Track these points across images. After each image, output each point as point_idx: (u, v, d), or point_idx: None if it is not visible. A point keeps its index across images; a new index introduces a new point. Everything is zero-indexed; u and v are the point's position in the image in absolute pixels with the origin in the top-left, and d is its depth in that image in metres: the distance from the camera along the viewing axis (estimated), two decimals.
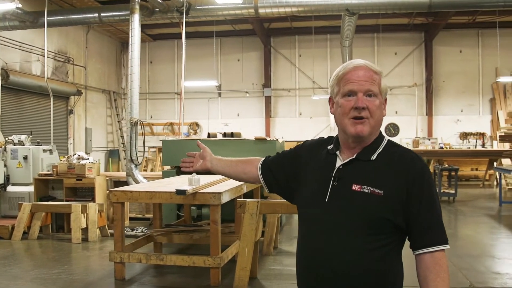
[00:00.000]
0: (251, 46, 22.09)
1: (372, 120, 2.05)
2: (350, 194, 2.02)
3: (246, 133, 21.32)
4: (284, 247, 7.94)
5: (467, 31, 21.28)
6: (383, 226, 1.98)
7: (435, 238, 1.99)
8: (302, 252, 2.19)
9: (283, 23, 20.38)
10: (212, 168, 2.66)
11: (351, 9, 10.67)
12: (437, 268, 1.96)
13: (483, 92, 21.65)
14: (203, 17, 11.55)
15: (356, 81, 2.05)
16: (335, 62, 21.69)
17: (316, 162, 2.23)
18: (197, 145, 2.75)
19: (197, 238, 6.82)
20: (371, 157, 2.08)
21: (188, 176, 5.99)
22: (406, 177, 2.00)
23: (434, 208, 2.01)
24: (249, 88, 22.20)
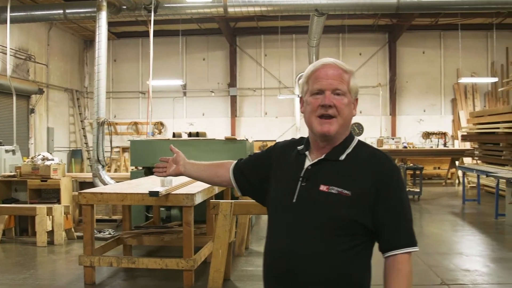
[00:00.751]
0: (217, 45, 21.99)
1: (340, 119, 2.03)
2: (318, 195, 1.99)
3: (211, 133, 21.20)
4: (255, 247, 7.90)
5: (429, 33, 21.68)
6: (351, 228, 1.95)
7: (400, 241, 1.95)
8: (269, 253, 2.15)
9: (249, 22, 20.35)
10: (185, 172, 2.62)
11: (320, 10, 10.70)
12: (396, 273, 1.93)
13: (445, 93, 22.09)
14: (171, 15, 11.40)
15: (324, 79, 2.03)
16: (301, 62, 21.80)
17: (286, 162, 2.21)
18: (170, 149, 2.73)
19: (169, 240, 6.71)
20: (340, 157, 2.05)
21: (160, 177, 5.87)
22: (374, 178, 1.98)
23: (401, 210, 1.98)
24: (214, 88, 22.09)
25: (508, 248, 7.97)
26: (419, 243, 2.00)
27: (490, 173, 10.71)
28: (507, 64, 21.33)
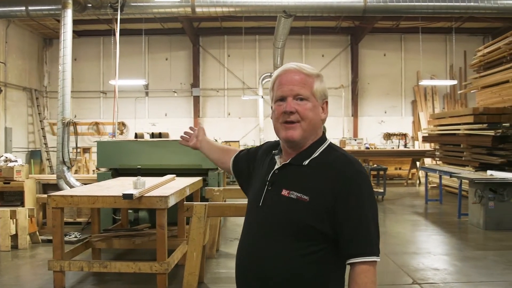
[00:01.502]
0: (180, 45, 21.83)
1: (304, 124, 2.02)
2: (279, 199, 2.00)
3: (174, 134, 21.05)
4: (225, 249, 7.85)
5: (391, 36, 22.07)
6: (309, 233, 1.94)
7: (357, 249, 1.90)
8: (237, 255, 2.19)
9: (212, 22, 20.27)
10: (200, 148, 2.76)
11: (288, 11, 10.73)
12: (353, 285, 1.90)
13: (405, 94, 22.52)
14: (138, 14, 11.21)
15: (286, 85, 2.03)
16: (264, 63, 21.86)
17: (263, 165, 2.24)
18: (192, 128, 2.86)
19: (140, 242, 6.59)
20: (304, 162, 2.04)
21: (133, 179, 5.77)
22: (334, 183, 1.94)
23: (361, 216, 1.92)
24: (177, 88, 21.92)
25: (473, 246, 8.15)
26: (387, 243, 1.99)
27: (454, 173, 10.95)
28: (465, 67, 21.88)
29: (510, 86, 13.28)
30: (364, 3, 10.63)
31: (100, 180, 7.95)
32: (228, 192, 7.68)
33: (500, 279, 6.27)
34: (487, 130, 12.23)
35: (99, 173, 8.38)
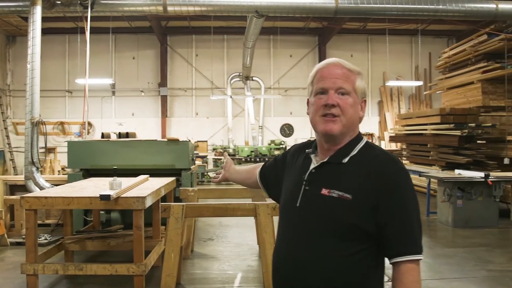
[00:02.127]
0: (147, 44, 21.62)
1: (344, 119, 1.97)
2: (319, 199, 1.95)
3: (141, 133, 20.88)
4: (198, 249, 7.79)
5: (358, 37, 22.33)
6: (353, 232, 1.90)
7: (402, 248, 1.88)
8: (274, 256, 2.14)
9: (181, 22, 20.14)
10: (229, 177, 2.78)
11: (260, 11, 10.72)
12: (398, 284, 1.88)
13: (372, 95, 22.78)
14: (108, 12, 11.01)
15: (328, 78, 2.00)
16: (232, 63, 21.83)
17: (296, 165, 2.19)
18: (223, 156, 2.91)
19: (115, 244, 6.49)
20: (343, 160, 2.00)
21: (109, 179, 5.67)
22: (376, 181, 1.90)
23: (406, 215, 1.90)
24: (144, 87, 21.70)
25: (443, 244, 8.31)
26: None
27: (423, 173, 11.14)
28: (430, 68, 22.31)
29: (475, 87, 13.59)
30: (336, 4, 10.72)
31: (71, 181, 7.79)
32: (202, 192, 7.65)
33: (472, 275, 6.41)
34: (453, 130, 12.49)
35: (70, 173, 8.20)
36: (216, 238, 8.54)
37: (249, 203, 5.85)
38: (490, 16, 11.61)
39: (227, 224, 9.72)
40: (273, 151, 19.65)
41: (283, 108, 22.59)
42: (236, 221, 9.77)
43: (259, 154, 19.35)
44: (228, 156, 2.83)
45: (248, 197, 7.49)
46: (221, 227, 9.53)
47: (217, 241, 8.35)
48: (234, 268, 6.67)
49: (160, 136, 21.17)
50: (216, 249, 7.75)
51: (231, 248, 7.79)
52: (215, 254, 7.38)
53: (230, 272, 6.47)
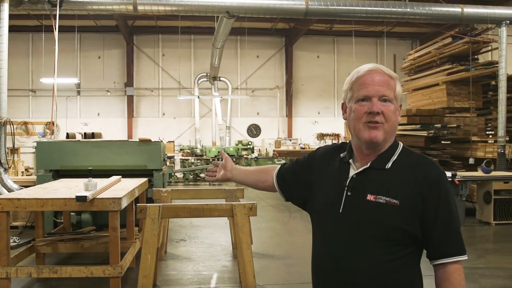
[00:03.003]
0: (113, 43, 21.39)
1: (387, 126, 1.98)
2: (365, 205, 1.97)
3: (107, 134, 20.66)
4: (172, 250, 7.74)
5: (324, 38, 22.58)
6: (400, 237, 1.94)
7: (449, 249, 1.95)
8: (317, 262, 2.13)
9: (147, 21, 19.98)
10: (233, 178, 2.61)
11: (231, 12, 10.72)
12: (447, 284, 1.94)
13: (338, 96, 23.10)
14: (77, 10, 10.83)
15: (371, 85, 1.99)
16: (199, 63, 21.80)
17: (329, 170, 2.17)
18: (221, 154, 2.77)
19: (88, 246, 6.39)
20: (386, 166, 2.02)
21: (84, 180, 5.59)
22: (422, 186, 1.95)
23: (450, 217, 1.96)
24: (110, 87, 21.47)
25: None
26: None
27: None
28: (395, 70, 22.66)
29: (440, 89, 13.89)
30: (306, 6, 10.80)
31: (40, 182, 7.63)
32: (175, 193, 7.61)
33: None
34: (420, 130, 12.73)
35: (39, 175, 8.04)
36: (188, 239, 8.50)
37: (226, 203, 5.86)
38: (455, 19, 11.91)
39: (198, 224, 9.69)
40: (240, 151, 19.66)
41: (250, 109, 22.66)
42: (206, 221, 9.75)
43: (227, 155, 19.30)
44: (227, 155, 2.76)
45: (222, 198, 7.49)
46: (192, 227, 9.49)
47: (190, 242, 8.31)
48: (209, 268, 6.66)
49: (126, 137, 20.97)
50: (189, 250, 7.72)
51: (204, 249, 7.77)
52: (189, 255, 7.35)
53: (205, 272, 6.46)
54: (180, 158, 19.87)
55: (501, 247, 7.94)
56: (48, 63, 17.65)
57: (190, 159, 19.27)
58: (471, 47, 12.76)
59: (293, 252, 7.64)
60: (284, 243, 8.33)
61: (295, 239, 8.67)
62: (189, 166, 18.92)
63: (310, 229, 7.66)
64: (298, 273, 6.45)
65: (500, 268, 6.47)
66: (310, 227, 7.72)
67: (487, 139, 13.53)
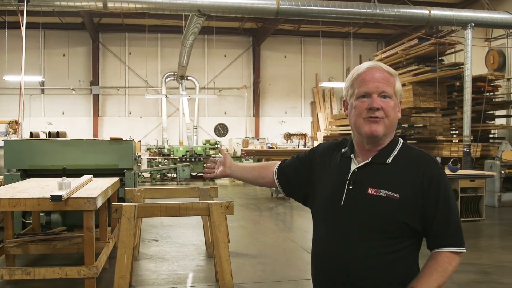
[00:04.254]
0: (79, 41, 21.05)
1: (387, 121, 2.05)
2: (366, 198, 2.02)
3: (72, 133, 20.33)
4: (144, 250, 7.67)
5: (291, 38, 22.71)
6: (400, 230, 2.00)
7: (448, 240, 2.02)
8: (318, 255, 2.18)
9: (114, 19, 19.72)
10: (232, 174, 2.63)
11: (203, 10, 10.67)
12: (434, 262, 2.00)
13: (305, 96, 23.26)
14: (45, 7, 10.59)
15: (371, 82, 2.04)
16: (166, 62, 21.66)
17: (331, 165, 2.23)
18: (219, 151, 2.75)
19: (61, 247, 6.27)
20: (387, 160, 2.08)
21: (57, 180, 5.48)
22: (422, 180, 2.01)
23: (450, 210, 2.03)
24: (75, 85, 21.12)
25: None
26: (301, 236, 2.06)
27: None
28: None
29: (406, 89, 14.12)
30: (277, 6, 10.85)
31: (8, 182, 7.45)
32: (148, 192, 7.53)
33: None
34: None
35: (7, 174, 7.85)
36: (161, 239, 8.43)
37: (202, 202, 5.83)
38: (423, 21, 12.15)
39: (169, 224, 9.62)
40: (208, 151, 19.58)
41: (218, 108, 22.62)
42: (177, 221, 9.69)
43: (194, 154, 19.22)
44: (226, 151, 2.75)
45: (195, 197, 7.45)
46: (164, 227, 9.42)
47: (162, 241, 8.24)
48: (184, 268, 6.62)
49: (92, 136, 20.67)
50: (162, 249, 7.65)
51: (177, 248, 7.71)
52: (162, 255, 7.29)
53: (180, 272, 6.41)
54: (147, 158, 19.67)
55: (469, 243, 8.04)
56: (11, 60, 17.22)
57: (157, 158, 19.08)
58: (437, 49, 13.03)
59: (267, 251, 7.66)
60: (256, 242, 8.34)
61: (267, 238, 8.68)
62: (157, 165, 18.76)
63: (281, 228, 7.84)
64: (273, 272, 6.47)
65: (470, 263, 6.62)
66: (281, 226, 7.91)
67: (452, 139, 13.85)
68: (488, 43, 16.94)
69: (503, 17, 12.38)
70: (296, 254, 7.50)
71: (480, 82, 13.34)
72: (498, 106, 14.47)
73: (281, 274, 6.40)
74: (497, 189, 11.59)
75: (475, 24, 12.16)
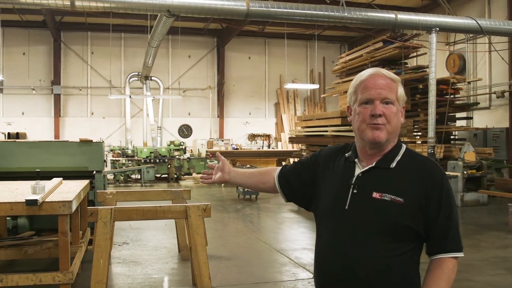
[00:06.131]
0: (40, 39, 20.58)
1: (389, 127, 2.08)
2: (371, 202, 2.05)
3: (33, 134, 19.87)
4: (116, 254, 7.54)
5: (255, 40, 22.77)
6: (404, 233, 2.03)
7: (448, 246, 2.06)
8: (322, 259, 2.19)
9: (76, 17, 19.38)
10: (231, 180, 2.61)
11: (172, 11, 10.57)
12: (439, 270, 2.05)
13: (269, 97, 23.35)
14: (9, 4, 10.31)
15: (373, 88, 2.08)
16: (130, 62, 21.42)
17: (334, 169, 2.25)
18: (216, 156, 2.71)
19: (32, 252, 6.10)
20: (391, 165, 2.11)
21: (31, 183, 5.34)
22: (426, 185, 2.05)
23: (451, 216, 2.07)
24: (36, 85, 20.64)
25: None
26: (270, 237, 2.09)
27: None
28: (324, 72, 23.24)
29: None
30: (247, 7, 10.85)
31: None
32: (121, 195, 7.43)
33: None
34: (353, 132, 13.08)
35: None
36: (131, 242, 8.31)
37: (179, 205, 5.79)
38: (390, 25, 12.37)
39: (138, 227, 9.50)
40: (173, 152, 19.41)
41: (182, 109, 22.48)
42: (146, 223, 9.57)
43: (159, 155, 19.03)
44: (223, 157, 2.73)
45: (168, 199, 7.39)
46: (133, 230, 9.29)
47: (133, 244, 8.13)
48: (158, 272, 6.54)
49: (53, 137, 20.23)
50: (134, 253, 7.54)
51: (149, 252, 7.62)
52: (135, 259, 7.18)
53: (155, 276, 6.34)
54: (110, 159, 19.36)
55: None
56: None
57: (121, 160, 18.81)
58: (402, 52, 13.27)
59: (240, 253, 7.65)
60: (229, 244, 8.31)
61: (239, 240, 8.67)
62: (120, 167, 18.49)
63: (251, 229, 7.84)
64: (249, 273, 6.47)
65: None
66: (251, 227, 7.91)
67: (415, 140, 14.13)
68: (449, 47, 17.38)
69: (466, 22, 12.71)
70: (270, 256, 7.51)
71: (442, 85, 13.66)
72: (459, 108, 14.85)
73: (257, 276, 6.40)
74: (460, 189, 11.90)
75: (439, 29, 12.44)
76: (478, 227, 9.69)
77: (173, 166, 19.02)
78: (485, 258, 7.24)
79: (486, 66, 16.31)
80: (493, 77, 16.10)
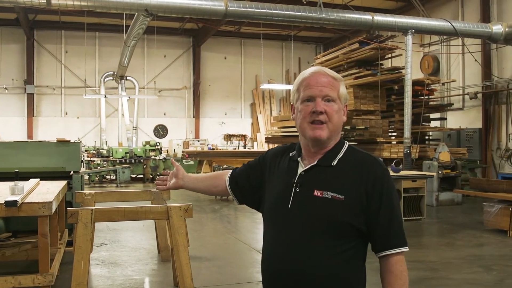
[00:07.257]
0: (12, 37, 20.26)
1: (331, 124, 2.09)
2: (312, 200, 2.06)
3: (5, 134, 19.50)
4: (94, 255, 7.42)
5: (231, 40, 22.78)
6: (345, 231, 2.04)
7: (392, 241, 2.06)
8: (267, 258, 2.20)
9: (50, 15, 19.12)
10: (184, 185, 2.61)
11: (150, 10, 10.50)
12: (390, 275, 2.05)
13: (245, 97, 23.38)
14: None
15: (315, 86, 2.09)
16: (105, 61, 21.21)
17: (279, 169, 2.25)
18: (171, 163, 2.71)
19: (10, 254, 6.01)
20: (332, 163, 2.12)
21: (10, 184, 5.26)
22: (366, 182, 2.06)
23: (393, 211, 2.07)
24: (8, 84, 20.30)
25: None
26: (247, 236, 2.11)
27: None
28: (300, 72, 23.26)
29: (348, 92, 14.37)
30: (226, 8, 10.84)
31: None
32: (99, 196, 7.36)
33: None
34: None
35: None
36: (109, 243, 8.24)
37: (161, 205, 5.77)
38: (367, 26, 12.49)
39: (115, 228, 9.42)
40: (148, 152, 19.29)
41: (157, 109, 22.36)
42: (124, 224, 9.50)
43: (134, 156, 18.89)
44: (177, 163, 2.74)
45: (147, 200, 7.35)
46: (110, 231, 9.21)
47: (111, 246, 8.06)
48: (138, 273, 6.49)
49: (26, 137, 19.91)
50: (113, 254, 7.48)
51: (128, 253, 7.56)
52: (114, 260, 7.12)
53: (136, 277, 6.29)
54: (85, 159, 19.12)
55: (415, 241, 8.39)
56: None
57: (96, 160, 18.61)
58: (379, 53, 13.42)
59: (220, 253, 7.64)
60: (208, 245, 8.29)
61: (218, 240, 8.66)
62: (95, 167, 18.29)
63: (230, 230, 7.89)
64: (230, 274, 6.47)
65: (418, 261, 6.86)
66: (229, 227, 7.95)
67: (391, 140, 14.30)
68: (423, 49, 17.63)
69: (441, 24, 12.90)
70: (249, 256, 7.52)
71: (417, 86, 13.85)
72: (434, 109, 15.08)
73: (238, 276, 6.41)
74: (435, 188, 12.09)
75: (415, 31, 12.61)
76: (453, 226, 9.85)
77: (148, 167, 18.91)
78: (461, 256, 7.35)
79: (459, 67, 16.59)
80: (467, 78, 16.38)
